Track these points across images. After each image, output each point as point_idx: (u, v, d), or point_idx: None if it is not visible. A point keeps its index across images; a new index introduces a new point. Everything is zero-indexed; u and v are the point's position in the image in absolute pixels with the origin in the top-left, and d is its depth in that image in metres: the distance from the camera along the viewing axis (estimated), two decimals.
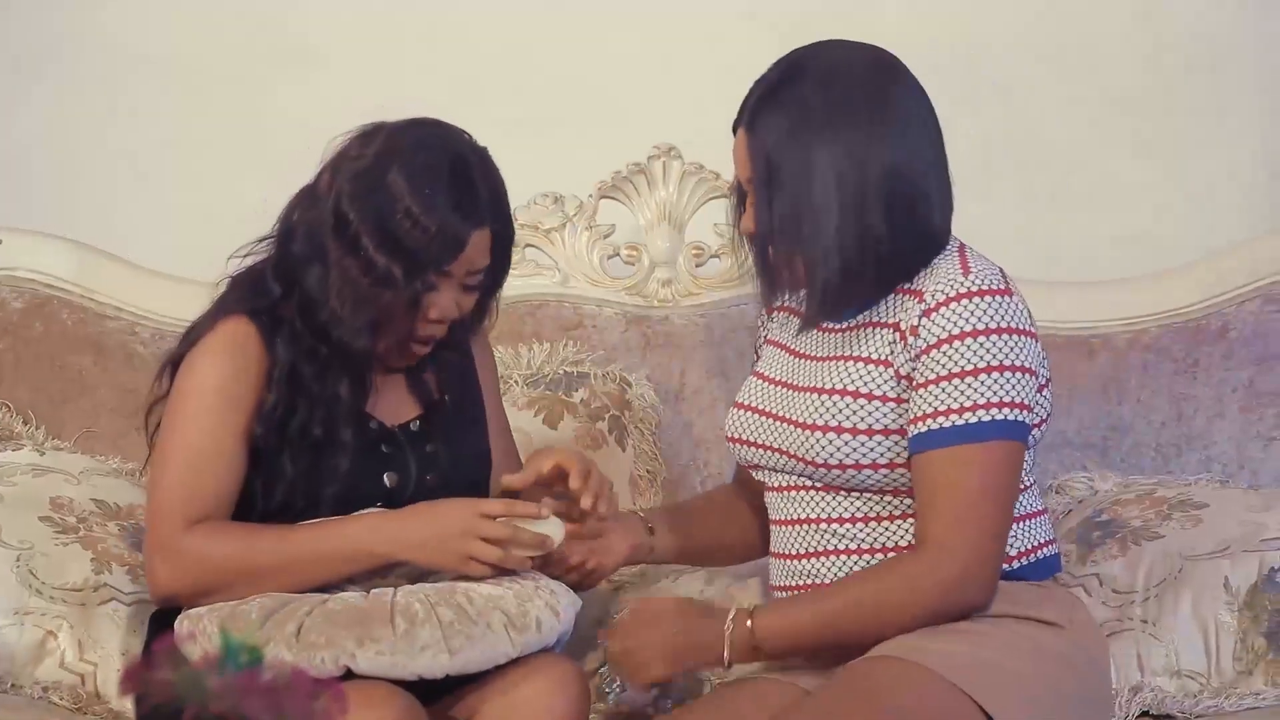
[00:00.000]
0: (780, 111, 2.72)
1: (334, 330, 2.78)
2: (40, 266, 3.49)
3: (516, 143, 3.70)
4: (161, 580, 2.78)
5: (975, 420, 2.66)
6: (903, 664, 2.63)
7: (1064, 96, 3.88)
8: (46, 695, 3.03)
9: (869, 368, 2.73)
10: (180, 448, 2.79)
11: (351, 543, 2.76)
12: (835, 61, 2.75)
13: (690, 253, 3.56)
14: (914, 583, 2.67)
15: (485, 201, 2.80)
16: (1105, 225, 3.86)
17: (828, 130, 2.69)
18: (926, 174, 2.72)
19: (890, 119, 2.70)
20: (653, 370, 3.50)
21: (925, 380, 2.68)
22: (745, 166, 2.75)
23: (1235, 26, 3.89)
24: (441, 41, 3.89)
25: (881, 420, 2.71)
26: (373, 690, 2.64)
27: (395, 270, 2.75)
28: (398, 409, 2.90)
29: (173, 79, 3.90)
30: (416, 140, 2.80)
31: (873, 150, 2.68)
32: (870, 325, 2.75)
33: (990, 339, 2.67)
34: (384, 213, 2.75)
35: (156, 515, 2.79)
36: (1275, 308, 3.48)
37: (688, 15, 3.90)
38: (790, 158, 2.70)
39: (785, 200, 2.70)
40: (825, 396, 2.73)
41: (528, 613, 2.75)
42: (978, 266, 2.71)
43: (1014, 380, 2.67)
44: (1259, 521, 3.16)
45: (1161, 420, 3.46)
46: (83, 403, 3.45)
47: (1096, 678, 2.77)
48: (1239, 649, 3.07)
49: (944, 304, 2.68)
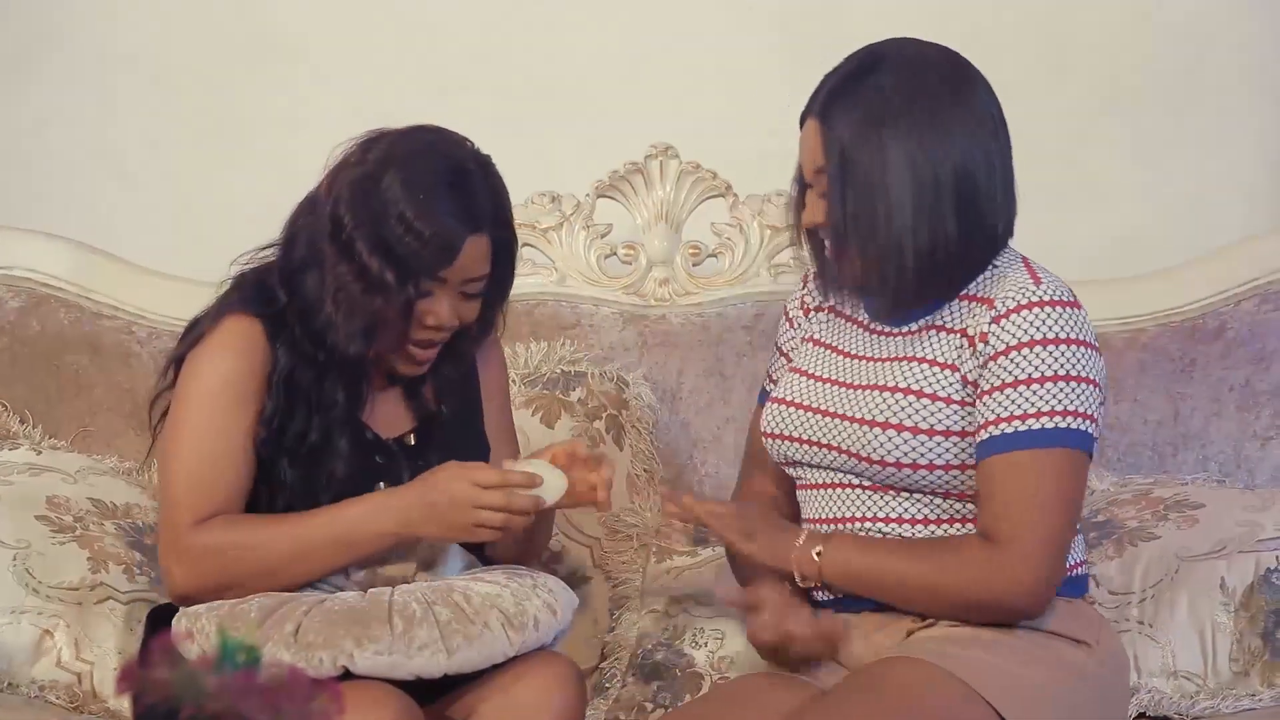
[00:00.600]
0: (856, 102, 2.71)
1: (329, 335, 2.78)
2: (37, 265, 3.49)
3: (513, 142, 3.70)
4: (178, 580, 2.78)
5: (1043, 427, 2.66)
6: (922, 665, 2.63)
7: (1060, 96, 3.88)
8: (43, 694, 3.03)
9: (935, 370, 2.72)
10: (189, 446, 2.79)
11: (361, 525, 2.77)
12: (912, 56, 2.74)
13: (687, 252, 3.56)
14: (971, 567, 2.67)
15: (483, 209, 2.79)
16: (1102, 225, 3.86)
17: (905, 121, 2.68)
18: (995, 176, 2.72)
19: (966, 118, 2.71)
20: (650, 369, 3.50)
21: (994, 386, 2.68)
22: (816, 156, 2.73)
23: (1232, 27, 3.89)
24: (436, 39, 3.88)
25: (944, 421, 2.71)
26: (369, 691, 2.64)
27: (388, 276, 2.74)
28: (394, 420, 2.90)
29: (160, 78, 3.90)
30: (415, 147, 2.80)
31: (948, 147, 2.68)
32: (934, 329, 2.75)
33: (1061, 348, 2.68)
34: (378, 218, 2.75)
35: (170, 513, 2.79)
36: (1272, 307, 3.48)
37: (685, 13, 3.90)
38: (866, 149, 2.69)
39: (859, 193, 2.69)
40: (890, 395, 2.73)
41: (525, 611, 2.76)
42: (1047, 278, 2.73)
43: (1083, 391, 2.68)
44: (1255, 522, 3.16)
45: (1158, 420, 3.46)
46: (79, 402, 3.45)
47: (1116, 698, 2.77)
48: (1235, 650, 3.07)
49: (1015, 311, 2.69)
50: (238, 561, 2.75)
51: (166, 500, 2.80)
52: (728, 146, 3.62)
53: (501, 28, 3.90)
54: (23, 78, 3.89)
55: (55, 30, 3.90)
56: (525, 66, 3.89)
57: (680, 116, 3.80)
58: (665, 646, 3.16)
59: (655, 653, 3.16)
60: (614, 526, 3.33)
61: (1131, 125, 3.90)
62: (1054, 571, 2.67)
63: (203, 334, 2.83)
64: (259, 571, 2.76)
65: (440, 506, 2.75)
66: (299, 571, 2.77)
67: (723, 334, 3.53)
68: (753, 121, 3.87)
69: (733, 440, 3.46)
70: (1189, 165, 3.90)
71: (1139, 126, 3.90)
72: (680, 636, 3.17)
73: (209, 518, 2.77)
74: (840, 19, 3.81)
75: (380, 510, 2.77)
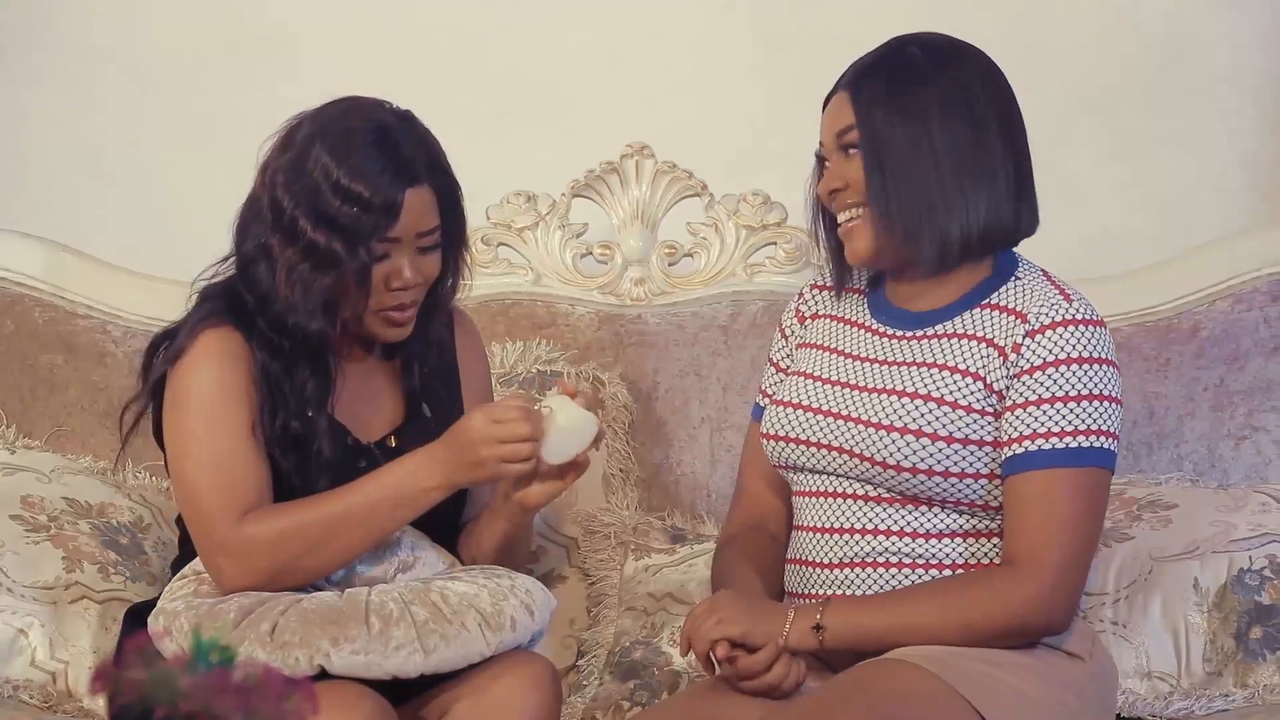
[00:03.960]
0: (885, 70, 2.75)
1: (290, 319, 2.79)
2: (12, 265, 3.49)
3: (488, 141, 3.72)
4: (230, 578, 2.77)
5: (1076, 445, 2.67)
6: (909, 667, 2.63)
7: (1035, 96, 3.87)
8: (17, 694, 3.03)
9: (956, 377, 2.72)
10: (203, 452, 2.78)
11: (409, 485, 2.77)
12: (942, 42, 2.80)
13: (663, 251, 3.56)
14: (1003, 597, 2.66)
15: (415, 160, 2.79)
16: (1077, 225, 3.87)
17: (930, 83, 2.72)
18: (1011, 152, 2.75)
19: (987, 86, 2.75)
20: (626, 369, 3.50)
21: (1026, 401, 2.69)
22: (842, 117, 2.76)
23: (1207, 26, 3.90)
24: (411, 38, 3.88)
25: (963, 430, 2.70)
26: (342, 691, 2.63)
27: (336, 247, 2.75)
28: (376, 423, 2.91)
29: (138, 76, 3.90)
30: (335, 116, 2.81)
31: (971, 103, 2.72)
32: (956, 336, 2.75)
33: (1094, 368, 2.69)
34: (314, 192, 2.76)
35: (204, 521, 2.78)
36: (1246, 307, 3.49)
37: (662, 14, 3.90)
38: (897, 107, 2.72)
39: (894, 147, 2.71)
40: (907, 400, 2.72)
41: (503, 611, 2.76)
42: (1076, 295, 2.75)
43: (1109, 410, 2.69)
44: (1229, 522, 3.17)
45: (1133, 419, 3.47)
46: (53, 401, 3.44)
47: (1104, 708, 2.78)
48: (1209, 650, 3.08)
49: (1051, 327, 2.70)
50: (288, 545, 2.75)
51: (196, 511, 2.79)
52: (704, 146, 3.63)
53: (479, 28, 3.90)
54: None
55: (32, 27, 3.90)
56: (502, 66, 3.89)
57: (656, 116, 3.80)
58: (643, 645, 3.16)
59: (633, 651, 3.16)
60: (591, 526, 3.33)
61: (1108, 125, 3.91)
62: (1077, 590, 2.69)
63: (181, 349, 2.82)
64: (310, 550, 2.75)
65: (470, 454, 2.75)
66: (347, 544, 2.76)
67: (699, 333, 3.53)
68: (729, 121, 3.87)
69: (708, 440, 3.46)
70: (1165, 165, 3.91)
71: (1115, 126, 3.91)
72: (658, 634, 3.17)
73: (247, 511, 2.76)
74: (817, 20, 3.82)
75: (423, 467, 2.77)
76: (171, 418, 2.82)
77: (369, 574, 2.82)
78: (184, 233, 3.71)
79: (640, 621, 3.19)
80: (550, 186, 3.54)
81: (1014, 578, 2.67)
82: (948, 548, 2.75)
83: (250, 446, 2.79)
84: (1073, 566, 2.67)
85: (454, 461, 2.76)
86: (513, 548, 2.97)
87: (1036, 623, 2.67)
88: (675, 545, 3.30)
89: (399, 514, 2.78)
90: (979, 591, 2.68)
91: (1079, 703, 2.70)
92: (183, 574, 2.85)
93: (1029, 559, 2.66)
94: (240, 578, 2.76)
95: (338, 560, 2.78)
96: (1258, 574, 3.10)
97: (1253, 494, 3.25)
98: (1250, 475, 3.42)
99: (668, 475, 3.48)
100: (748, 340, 3.50)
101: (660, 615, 3.19)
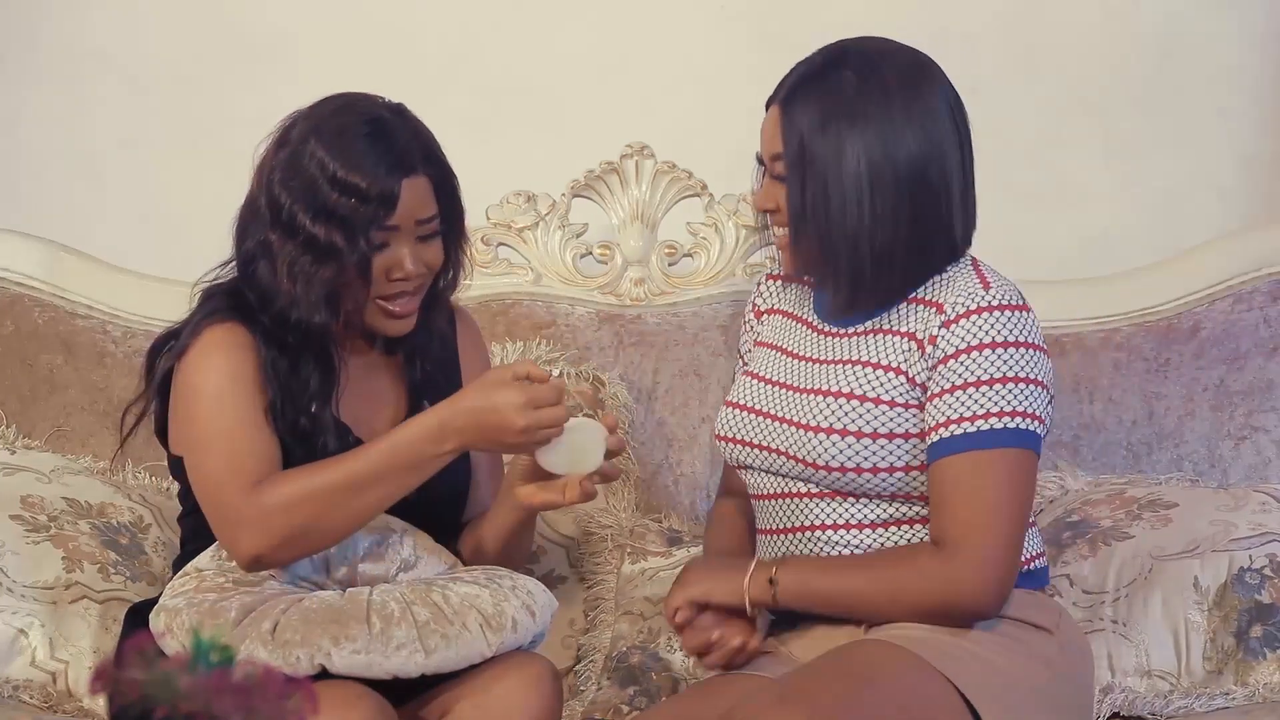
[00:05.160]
0: (818, 95, 2.74)
1: (293, 314, 2.79)
2: (12, 265, 3.49)
3: (488, 141, 3.72)
4: (246, 548, 2.75)
5: (991, 427, 2.68)
6: (889, 646, 2.65)
7: (1032, 96, 3.88)
8: (17, 694, 3.03)
9: (879, 373, 2.74)
10: (215, 432, 2.78)
11: (415, 451, 2.76)
12: (876, 54, 2.77)
13: (663, 251, 3.56)
14: (928, 577, 2.68)
15: (409, 150, 2.80)
16: (1075, 225, 3.87)
17: (861, 119, 2.71)
18: (952, 177, 2.74)
19: (925, 119, 2.73)
20: (626, 369, 3.50)
21: (943, 389, 2.70)
22: (775, 143, 2.77)
23: (1201, 26, 3.89)
24: (409, 39, 3.88)
25: (887, 425, 2.72)
26: (341, 691, 2.63)
27: (336, 239, 2.76)
28: (379, 422, 2.91)
29: (133, 77, 3.89)
30: (329, 112, 2.83)
31: (903, 142, 2.71)
32: (880, 332, 2.77)
33: (1009, 351, 2.70)
34: (312, 187, 2.77)
35: (218, 494, 2.77)
36: (1246, 307, 3.49)
37: (660, 14, 3.90)
38: (823, 142, 2.72)
39: (815, 185, 2.72)
40: (831, 399, 2.75)
41: (504, 613, 2.76)
42: (996, 281, 2.75)
43: (1030, 392, 2.70)
44: (1228, 521, 3.17)
45: (1133, 419, 3.47)
46: (53, 401, 3.44)
47: (1078, 682, 2.78)
48: (1209, 649, 3.08)
49: (965, 316, 2.71)
50: (304, 508, 2.74)
51: (210, 488, 2.78)
52: (703, 146, 3.63)
53: (477, 28, 3.90)
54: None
55: (27, 27, 3.89)
56: (501, 66, 3.89)
57: (656, 116, 3.80)
58: (640, 650, 3.16)
59: (630, 656, 3.16)
60: (588, 528, 3.33)
61: (1103, 125, 3.91)
62: (1008, 571, 2.69)
63: (186, 345, 2.82)
64: (325, 512, 2.74)
65: (495, 418, 2.74)
66: (362, 506, 2.75)
67: (698, 333, 3.53)
68: (728, 121, 3.86)
69: (708, 440, 3.46)
70: (1160, 165, 3.91)
71: (1110, 127, 3.91)
72: (655, 640, 3.17)
73: (257, 482, 2.76)
74: (813, 19, 3.81)
75: (440, 431, 2.76)
76: (180, 409, 2.83)
77: (371, 573, 2.82)
78: (180, 234, 3.71)
79: (637, 626, 3.19)
80: (550, 186, 3.54)
81: (939, 560, 2.68)
82: (894, 536, 2.76)
83: (260, 422, 2.79)
84: (997, 548, 2.67)
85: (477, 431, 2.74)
86: (516, 543, 2.97)
87: (961, 603, 2.68)
88: (671, 548, 3.30)
89: (412, 477, 2.77)
90: (906, 570, 2.70)
91: (1049, 673, 2.71)
92: (185, 571, 2.85)
93: (952, 542, 2.67)
94: (257, 545, 2.75)
95: (353, 522, 2.77)
96: (1258, 573, 3.10)
97: (1253, 494, 3.25)
98: (1250, 475, 3.42)
99: (667, 475, 3.48)
100: None
101: (657, 620, 3.18)
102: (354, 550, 2.83)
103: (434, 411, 2.78)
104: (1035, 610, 2.75)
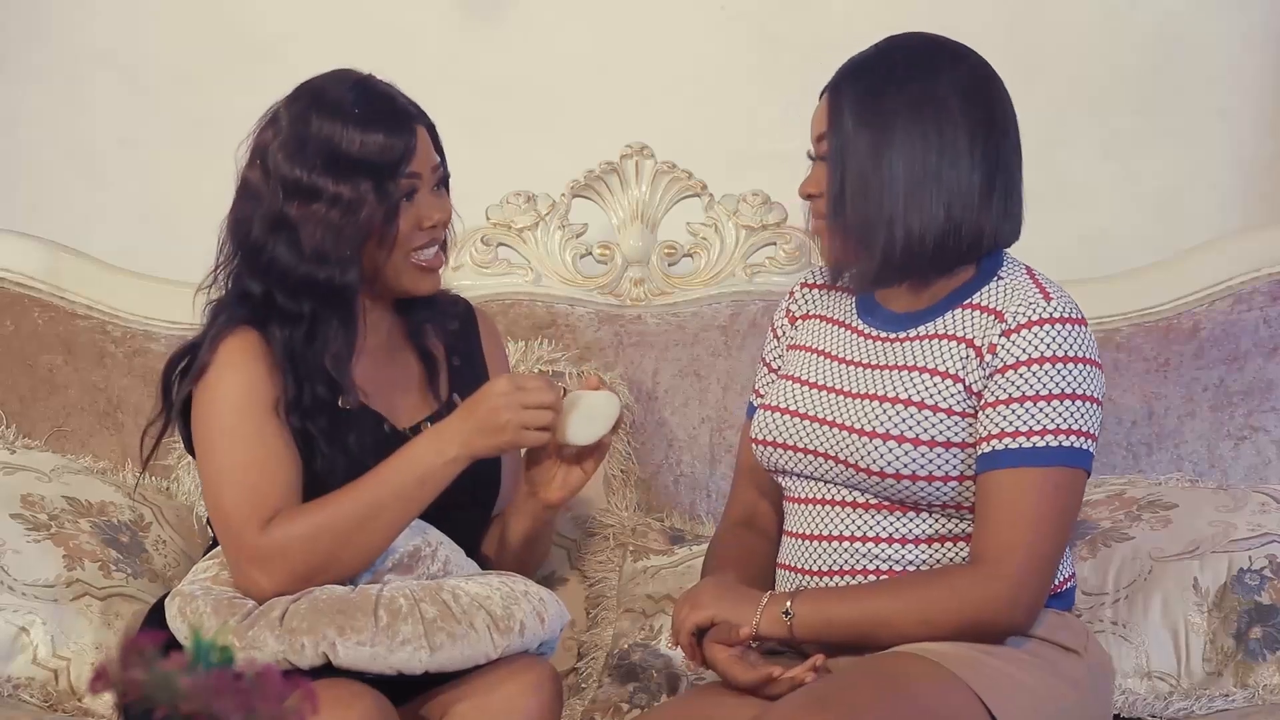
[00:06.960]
0: (868, 83, 2.74)
1: (320, 274, 2.80)
2: (11, 265, 3.49)
3: (487, 141, 3.72)
4: (263, 586, 2.76)
5: (1045, 445, 2.66)
6: (920, 659, 2.63)
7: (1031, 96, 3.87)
8: (18, 692, 3.03)
9: (937, 380, 2.72)
10: (230, 460, 2.79)
11: (421, 465, 2.78)
12: (931, 44, 2.79)
13: (663, 252, 3.56)
14: (962, 595, 2.66)
15: (403, 103, 2.87)
16: (1074, 225, 3.87)
17: (911, 110, 2.71)
18: (996, 178, 2.73)
19: (973, 116, 2.73)
20: (626, 369, 3.50)
21: (998, 400, 2.68)
22: (820, 123, 2.77)
23: (1201, 26, 3.89)
24: (408, 39, 3.88)
25: (946, 433, 2.70)
26: (341, 689, 2.64)
27: (364, 188, 2.80)
28: (410, 411, 2.92)
29: (133, 77, 3.89)
30: (315, 90, 2.86)
31: (948, 140, 2.71)
32: (937, 337, 2.74)
33: (1069, 367, 2.68)
34: (329, 150, 2.80)
35: (232, 531, 2.78)
36: (1245, 307, 3.49)
37: (660, 14, 3.90)
38: (868, 128, 2.71)
39: (855, 164, 2.71)
40: (889, 405, 2.71)
41: (512, 615, 2.76)
42: (1056, 293, 2.73)
43: (1084, 409, 2.68)
44: (1228, 522, 3.17)
45: (1133, 419, 3.47)
46: (54, 401, 3.44)
47: (1102, 705, 2.78)
48: (1209, 650, 3.08)
49: (1027, 326, 2.68)
50: (320, 542, 2.75)
51: (225, 526, 2.79)
52: (703, 146, 3.63)
53: (476, 28, 3.90)
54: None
55: (27, 27, 3.89)
56: (501, 66, 3.89)
57: (655, 116, 3.80)
58: (642, 647, 3.16)
59: (631, 653, 3.16)
60: (590, 527, 3.33)
61: (1104, 125, 3.91)
62: (1042, 589, 2.68)
63: (205, 365, 2.82)
64: (342, 544, 2.76)
65: (492, 419, 2.77)
66: (377, 532, 2.77)
67: (698, 334, 3.53)
68: (728, 121, 3.87)
69: (708, 440, 3.46)
70: (1160, 164, 3.91)
71: (1112, 126, 3.91)
72: (656, 637, 3.17)
73: (271, 518, 2.76)
74: (814, 20, 3.82)
75: (440, 441, 2.78)
76: (198, 435, 2.84)
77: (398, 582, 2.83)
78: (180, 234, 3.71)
79: (638, 623, 3.19)
80: (550, 186, 3.54)
81: (975, 577, 2.66)
82: (937, 553, 2.74)
83: (280, 448, 2.79)
84: (1036, 568, 2.66)
85: (473, 428, 2.78)
86: (535, 546, 3.00)
87: (995, 621, 2.67)
88: (674, 546, 3.30)
89: (423, 492, 2.79)
90: (939, 590, 2.68)
91: (1076, 694, 2.70)
92: (212, 554, 2.87)
93: (992, 559, 2.65)
94: (276, 585, 2.76)
95: (371, 551, 2.78)
96: (1258, 574, 3.10)
97: (1253, 494, 3.25)
98: (1250, 475, 3.42)
99: (668, 475, 3.48)
100: (748, 340, 3.49)
101: (659, 617, 3.18)
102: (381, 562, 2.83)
103: (435, 426, 2.82)
104: (1065, 632, 2.73)
